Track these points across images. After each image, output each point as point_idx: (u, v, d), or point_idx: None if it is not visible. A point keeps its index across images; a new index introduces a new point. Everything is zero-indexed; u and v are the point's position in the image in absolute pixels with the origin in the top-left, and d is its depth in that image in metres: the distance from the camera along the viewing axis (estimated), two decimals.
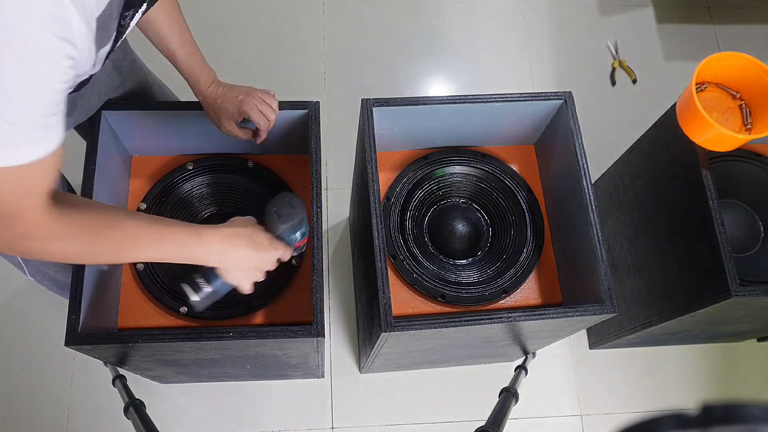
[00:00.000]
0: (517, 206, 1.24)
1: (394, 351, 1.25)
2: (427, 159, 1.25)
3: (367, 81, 2.00)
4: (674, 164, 1.27)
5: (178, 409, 1.60)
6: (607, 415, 1.70)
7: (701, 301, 1.19)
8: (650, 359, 1.75)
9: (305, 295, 1.14)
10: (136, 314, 1.11)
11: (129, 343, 0.94)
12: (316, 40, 2.04)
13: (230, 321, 1.10)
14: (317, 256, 1.00)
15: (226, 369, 1.32)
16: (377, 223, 1.02)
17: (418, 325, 0.95)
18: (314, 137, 1.08)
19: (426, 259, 1.18)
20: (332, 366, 1.66)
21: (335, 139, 1.90)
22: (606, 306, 1.01)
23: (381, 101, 1.10)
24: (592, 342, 1.75)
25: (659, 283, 1.37)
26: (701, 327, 1.48)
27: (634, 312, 1.49)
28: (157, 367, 1.23)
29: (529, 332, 1.16)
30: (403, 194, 1.22)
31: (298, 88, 1.96)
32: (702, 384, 1.75)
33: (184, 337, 0.95)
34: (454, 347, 1.29)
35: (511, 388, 1.18)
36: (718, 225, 1.14)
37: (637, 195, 1.47)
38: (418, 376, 1.67)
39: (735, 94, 1.23)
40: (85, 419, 1.57)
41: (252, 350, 1.08)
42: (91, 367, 1.61)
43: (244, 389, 1.62)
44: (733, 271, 1.11)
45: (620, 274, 1.56)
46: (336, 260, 1.77)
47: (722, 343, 1.79)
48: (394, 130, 1.19)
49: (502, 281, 1.18)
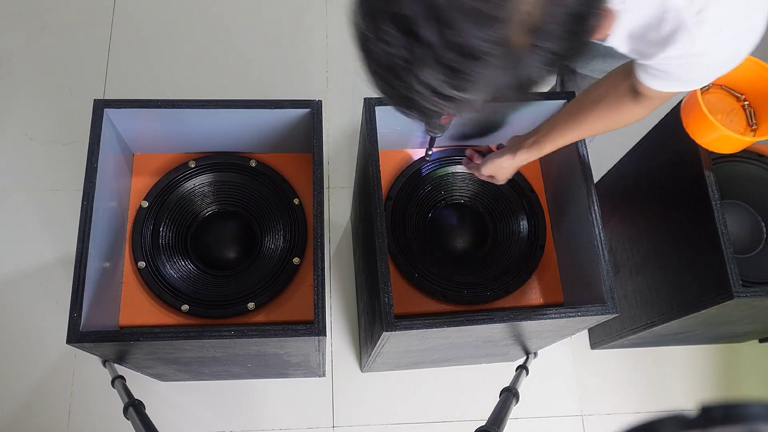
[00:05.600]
0: (519, 206, 1.24)
1: (396, 350, 1.25)
2: (430, 156, 1.25)
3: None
4: (677, 165, 1.27)
5: (177, 409, 1.60)
6: (608, 415, 1.69)
7: (703, 301, 1.19)
8: (652, 360, 1.75)
9: (307, 294, 1.14)
10: (137, 312, 1.11)
11: (130, 342, 0.94)
12: (319, 38, 2.04)
13: (231, 319, 1.11)
14: (319, 254, 1.00)
15: (227, 367, 1.33)
16: (379, 223, 1.02)
17: (420, 325, 0.95)
18: (316, 136, 1.08)
19: (428, 259, 1.18)
20: (333, 365, 1.67)
21: (337, 138, 1.90)
22: (608, 306, 1.01)
23: (383, 100, 1.10)
24: (593, 342, 1.74)
25: (661, 284, 1.37)
26: (703, 328, 1.48)
27: (635, 312, 1.48)
28: (158, 365, 1.24)
29: (531, 332, 1.16)
30: (405, 193, 1.22)
31: (300, 87, 1.96)
32: (704, 385, 1.75)
33: (185, 335, 0.95)
34: (456, 347, 1.29)
35: (512, 387, 1.18)
36: (720, 226, 1.14)
37: (639, 195, 1.46)
38: (419, 376, 1.66)
39: (739, 96, 1.22)
40: (87, 417, 1.58)
41: (253, 349, 1.09)
42: (93, 365, 1.61)
43: (244, 388, 1.63)
44: (736, 272, 1.11)
45: (622, 274, 1.56)
46: (338, 259, 1.77)
47: (724, 344, 1.79)
48: (396, 130, 1.19)
49: (504, 281, 1.18)
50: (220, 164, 1.21)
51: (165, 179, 1.18)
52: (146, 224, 1.15)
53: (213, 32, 2.01)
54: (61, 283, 1.69)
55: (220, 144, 1.19)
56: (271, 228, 1.18)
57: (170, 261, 1.14)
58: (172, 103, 1.07)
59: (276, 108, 1.09)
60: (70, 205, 1.76)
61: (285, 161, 1.23)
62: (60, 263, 1.71)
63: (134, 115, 1.09)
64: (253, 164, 1.21)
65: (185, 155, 1.21)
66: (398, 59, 0.56)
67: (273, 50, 2.01)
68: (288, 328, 0.96)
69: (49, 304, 1.66)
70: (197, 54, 1.98)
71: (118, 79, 1.92)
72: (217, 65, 1.97)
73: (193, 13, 2.04)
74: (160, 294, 1.10)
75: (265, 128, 1.14)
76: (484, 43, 0.52)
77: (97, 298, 0.99)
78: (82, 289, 0.95)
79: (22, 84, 1.90)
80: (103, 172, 1.03)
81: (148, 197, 1.17)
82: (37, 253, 1.71)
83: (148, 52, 1.97)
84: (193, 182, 1.19)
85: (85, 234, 0.97)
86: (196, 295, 1.12)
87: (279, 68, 1.98)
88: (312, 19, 2.06)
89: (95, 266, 1.00)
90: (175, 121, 1.11)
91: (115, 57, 1.95)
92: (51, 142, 1.83)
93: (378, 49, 0.57)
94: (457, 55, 0.53)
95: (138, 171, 1.20)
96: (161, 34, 2.00)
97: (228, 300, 1.12)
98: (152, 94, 1.80)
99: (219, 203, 1.21)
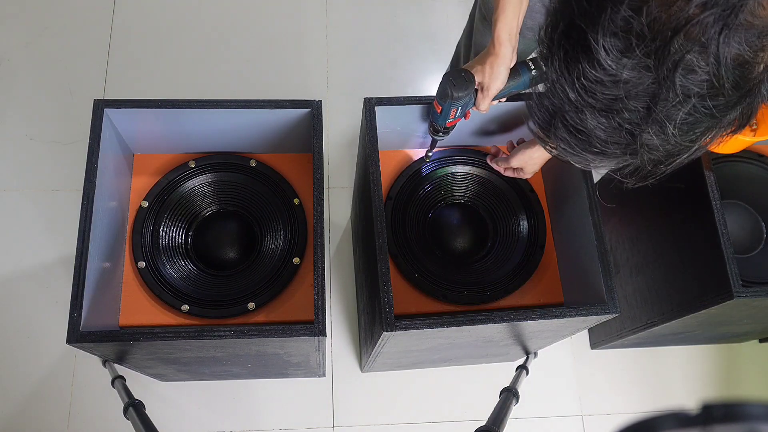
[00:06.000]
0: (519, 206, 1.24)
1: (396, 350, 1.25)
2: (429, 158, 1.25)
3: (369, 80, 2.00)
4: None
5: (177, 409, 1.60)
6: (608, 415, 1.69)
7: (703, 301, 1.19)
8: (652, 359, 1.75)
9: (307, 294, 1.14)
10: (137, 312, 1.11)
11: (130, 342, 0.94)
12: (319, 38, 2.04)
13: (232, 319, 1.11)
14: (319, 254, 1.00)
15: (227, 367, 1.33)
16: (379, 223, 1.02)
17: (420, 325, 0.95)
18: (316, 136, 1.08)
19: (427, 259, 1.18)
20: (333, 365, 1.67)
21: (337, 138, 1.90)
22: (608, 306, 1.01)
23: (384, 100, 1.10)
24: (593, 342, 1.74)
25: (661, 284, 1.37)
26: (703, 328, 1.48)
27: (635, 312, 1.48)
28: (158, 365, 1.24)
29: (531, 332, 1.16)
30: (405, 193, 1.22)
31: (300, 87, 1.96)
32: (703, 385, 1.75)
33: (185, 335, 0.95)
34: (456, 347, 1.29)
35: (512, 387, 1.18)
36: (720, 226, 1.14)
37: (639, 195, 1.46)
38: (419, 376, 1.66)
39: None
40: (87, 417, 1.58)
41: (253, 349, 1.09)
42: (93, 365, 1.61)
43: (244, 388, 1.63)
44: (735, 272, 1.11)
45: (622, 274, 1.56)
46: (338, 259, 1.77)
47: (724, 344, 1.79)
48: (396, 129, 1.19)
49: (504, 281, 1.18)
50: (220, 164, 1.21)
51: (165, 179, 1.18)
52: (146, 224, 1.15)
53: (213, 32, 2.01)
54: (61, 283, 1.69)
55: (220, 144, 1.19)
56: (271, 228, 1.18)
57: (170, 261, 1.14)
58: (172, 103, 1.06)
59: (276, 108, 1.09)
60: (70, 205, 1.76)
61: (285, 161, 1.23)
62: (60, 263, 1.71)
63: (134, 115, 1.09)
64: (253, 164, 1.21)
65: (185, 155, 1.21)
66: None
67: (273, 50, 2.01)
68: (288, 328, 0.96)
69: (49, 304, 1.66)
70: (197, 54, 1.98)
71: (118, 79, 1.92)
72: (217, 65, 1.97)
73: (193, 13, 2.04)
74: (160, 294, 1.10)
75: (265, 128, 1.14)
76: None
77: (97, 298, 0.99)
78: (82, 289, 0.95)
79: (22, 84, 1.90)
80: (103, 172, 1.03)
81: (148, 197, 1.17)
82: (37, 253, 1.71)
83: (148, 52, 1.97)
84: (193, 182, 1.19)
85: (85, 234, 0.97)
86: (196, 295, 1.12)
87: (279, 68, 1.98)
88: (312, 19, 2.06)
89: (95, 266, 1.00)
90: (175, 121, 1.11)
91: (115, 57, 1.95)
92: (51, 142, 1.83)
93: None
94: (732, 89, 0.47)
95: (138, 171, 1.20)
96: (161, 34, 2.00)
97: (228, 300, 1.11)
98: (152, 94, 1.80)
99: (219, 203, 1.21)
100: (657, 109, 0.49)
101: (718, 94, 0.48)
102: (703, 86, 0.47)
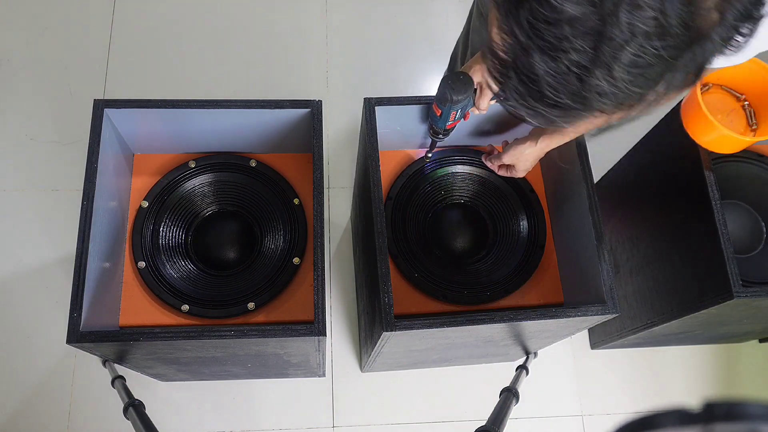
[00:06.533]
0: (519, 206, 1.24)
1: (396, 350, 1.25)
2: (429, 158, 1.25)
3: (369, 80, 2.00)
4: (677, 165, 1.27)
5: (177, 409, 1.60)
6: (608, 415, 1.69)
7: (703, 301, 1.19)
8: (652, 359, 1.75)
9: (307, 294, 1.14)
10: (137, 312, 1.11)
11: (130, 342, 0.94)
12: (319, 38, 2.04)
13: (231, 319, 1.11)
14: (319, 254, 1.00)
15: (227, 367, 1.33)
16: (379, 223, 1.02)
17: (420, 325, 0.95)
18: (316, 136, 1.08)
19: (427, 259, 1.18)
20: (333, 365, 1.66)
21: (337, 138, 1.90)
22: (608, 306, 1.01)
23: (383, 100, 1.10)
24: (593, 342, 1.74)
25: (661, 284, 1.37)
26: (703, 328, 1.48)
27: (636, 312, 1.48)
28: (158, 365, 1.24)
29: (531, 332, 1.16)
30: (405, 193, 1.22)
31: (300, 87, 1.96)
32: (703, 384, 1.75)
33: (185, 335, 0.95)
34: (456, 347, 1.29)
35: (512, 387, 1.18)
36: (720, 226, 1.14)
37: (639, 195, 1.46)
38: (419, 376, 1.66)
39: (739, 96, 1.22)
40: (87, 417, 1.58)
41: (253, 349, 1.09)
42: (93, 365, 1.61)
43: (244, 388, 1.63)
44: (736, 272, 1.11)
45: (622, 274, 1.56)
46: (338, 259, 1.77)
47: (724, 344, 1.79)
48: (396, 129, 1.19)
49: (504, 281, 1.18)
50: (220, 164, 1.21)
51: (165, 179, 1.18)
52: (146, 224, 1.15)
53: (213, 32, 2.01)
54: (61, 283, 1.69)
55: (220, 144, 1.19)
56: (271, 228, 1.18)
57: (170, 261, 1.14)
58: (172, 103, 1.06)
59: (276, 108, 1.09)
60: (70, 205, 1.76)
61: (285, 161, 1.23)
62: (60, 263, 1.71)
63: (134, 115, 1.09)
64: (253, 164, 1.21)
65: (185, 155, 1.21)
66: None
67: (273, 50, 2.01)
68: (288, 328, 0.96)
69: (49, 304, 1.66)
70: (197, 54, 1.98)
71: (118, 79, 1.92)
72: (217, 65, 1.97)
73: (192, 13, 2.04)
74: (160, 294, 1.10)
75: (265, 128, 1.14)
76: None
77: (97, 298, 0.99)
78: (82, 289, 0.95)
79: (22, 84, 1.90)
80: (103, 172, 1.03)
81: (148, 197, 1.17)
82: (37, 253, 1.71)
83: (148, 52, 1.97)
84: (193, 182, 1.19)
85: (85, 234, 0.97)
86: (196, 295, 1.12)
87: (279, 68, 1.98)
88: (312, 19, 2.06)
89: (95, 266, 1.00)
90: (175, 121, 1.11)
91: (115, 57, 1.95)
92: (51, 142, 1.83)
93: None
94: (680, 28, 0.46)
95: (138, 171, 1.20)
96: (161, 34, 2.00)
97: (228, 300, 1.12)
98: (152, 94, 1.80)
99: (219, 203, 1.21)
100: (603, 48, 0.48)
101: (666, 33, 0.47)
102: (650, 23, 0.47)
